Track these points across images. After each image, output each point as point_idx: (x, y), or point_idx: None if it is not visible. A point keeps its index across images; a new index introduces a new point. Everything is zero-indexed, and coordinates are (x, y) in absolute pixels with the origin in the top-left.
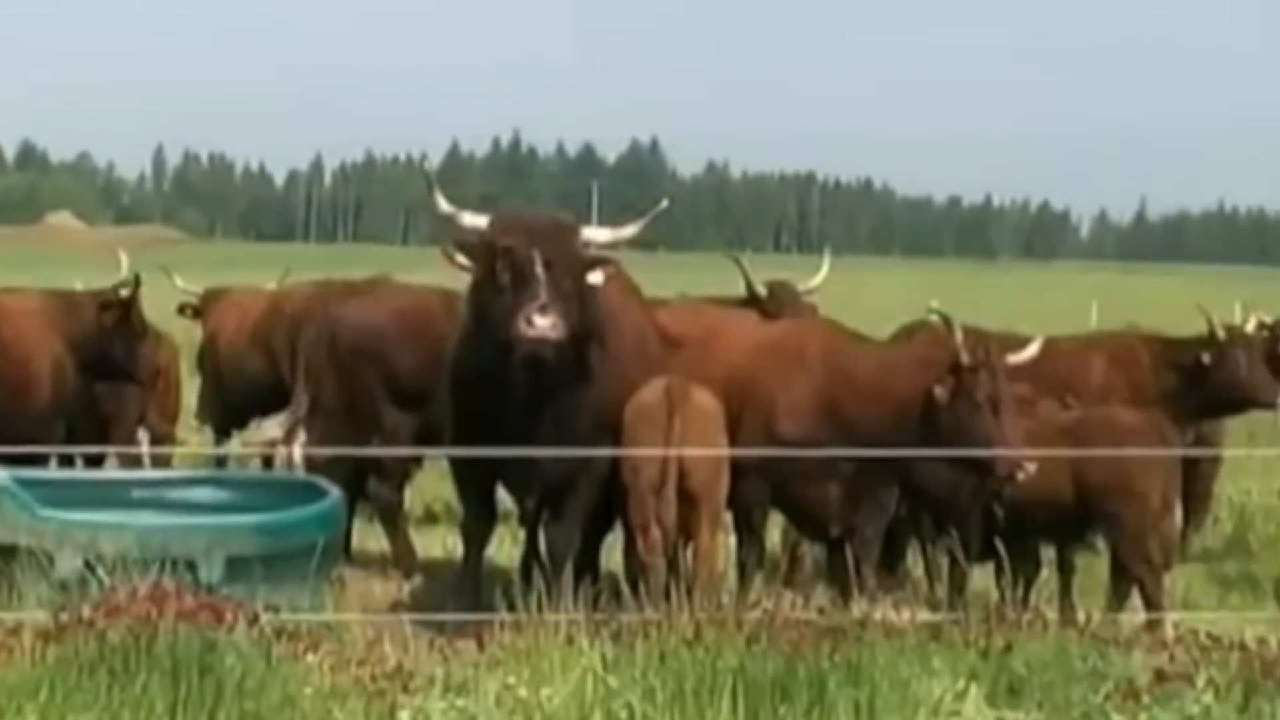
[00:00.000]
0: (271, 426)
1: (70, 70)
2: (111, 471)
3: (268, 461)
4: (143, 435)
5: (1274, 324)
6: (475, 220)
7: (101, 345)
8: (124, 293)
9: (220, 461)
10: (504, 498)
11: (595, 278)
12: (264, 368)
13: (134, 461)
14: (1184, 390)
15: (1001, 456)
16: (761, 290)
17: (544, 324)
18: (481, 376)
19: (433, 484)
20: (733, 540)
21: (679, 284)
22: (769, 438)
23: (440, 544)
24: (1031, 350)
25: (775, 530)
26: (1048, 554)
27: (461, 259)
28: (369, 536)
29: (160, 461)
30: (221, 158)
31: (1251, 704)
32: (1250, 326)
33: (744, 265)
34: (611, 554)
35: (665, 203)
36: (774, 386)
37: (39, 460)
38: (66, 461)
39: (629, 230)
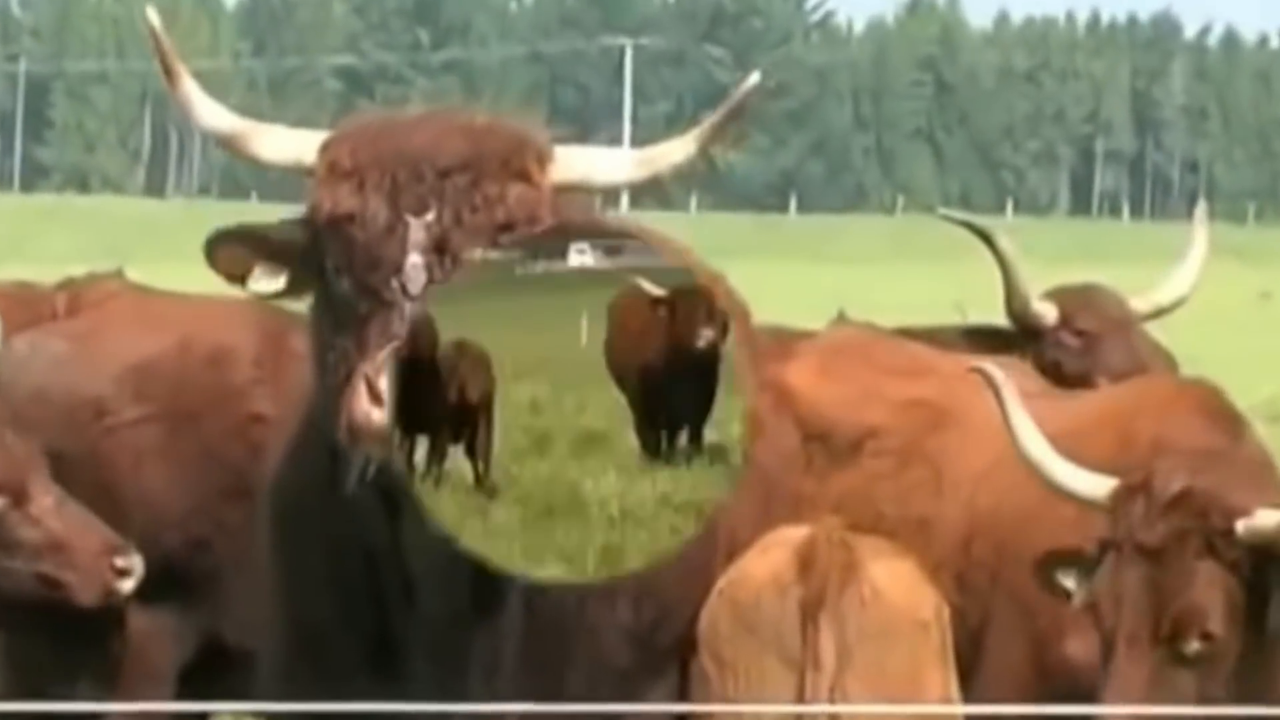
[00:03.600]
0: None
1: None
2: None
3: None
4: None
5: None
6: (289, 146)
7: None
8: None
9: None
10: None
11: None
12: None
13: None
14: None
15: None
16: (1044, 310)
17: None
18: (349, 522)
19: None
20: None
21: (839, 286)
22: (1061, 668)
23: None
24: None
25: None
26: None
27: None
28: None
29: None
30: None
31: None
32: None
33: (996, 238)
34: None
35: (757, 77)
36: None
37: None
38: None
39: (681, 149)
